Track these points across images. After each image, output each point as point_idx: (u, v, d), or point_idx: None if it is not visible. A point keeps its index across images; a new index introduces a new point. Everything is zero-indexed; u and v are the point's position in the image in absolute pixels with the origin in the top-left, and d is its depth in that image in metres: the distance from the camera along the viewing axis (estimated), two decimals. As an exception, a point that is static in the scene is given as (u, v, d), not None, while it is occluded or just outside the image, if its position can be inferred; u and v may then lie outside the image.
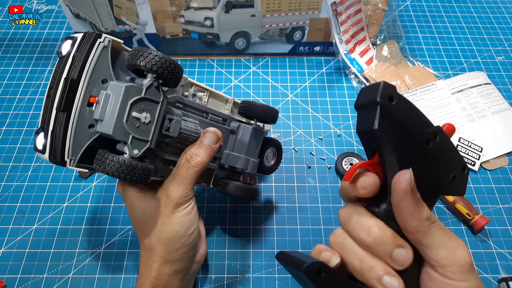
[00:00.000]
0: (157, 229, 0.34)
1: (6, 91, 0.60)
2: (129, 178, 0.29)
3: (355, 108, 0.25)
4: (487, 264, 0.45)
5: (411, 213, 0.22)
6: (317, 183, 0.51)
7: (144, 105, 0.30)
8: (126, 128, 0.29)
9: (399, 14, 0.73)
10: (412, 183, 0.22)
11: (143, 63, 0.29)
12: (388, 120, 0.23)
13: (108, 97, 0.29)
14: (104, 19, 0.60)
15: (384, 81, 0.24)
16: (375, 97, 0.23)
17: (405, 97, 0.25)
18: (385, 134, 0.23)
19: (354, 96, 0.61)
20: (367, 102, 0.24)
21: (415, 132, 0.24)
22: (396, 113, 0.23)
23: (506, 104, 0.58)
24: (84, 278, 0.43)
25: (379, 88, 0.23)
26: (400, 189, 0.22)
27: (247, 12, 0.58)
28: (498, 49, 0.67)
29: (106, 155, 0.29)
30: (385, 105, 0.23)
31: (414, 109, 0.25)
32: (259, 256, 0.46)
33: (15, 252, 0.45)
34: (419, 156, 0.24)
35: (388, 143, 0.23)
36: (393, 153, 0.24)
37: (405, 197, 0.22)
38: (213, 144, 0.35)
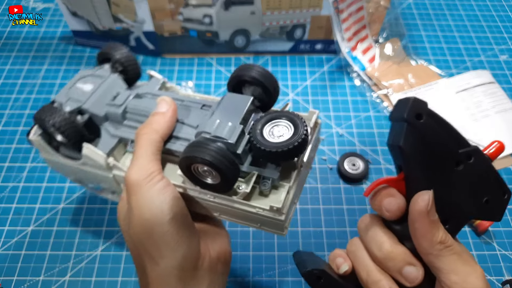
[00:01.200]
0: (130, 225, 0.28)
1: (2, 90, 0.60)
2: (62, 131, 0.31)
3: (389, 119, 0.25)
4: (491, 266, 0.44)
5: (424, 234, 0.22)
6: (319, 184, 0.51)
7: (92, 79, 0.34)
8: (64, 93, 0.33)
9: (402, 12, 0.72)
10: (430, 205, 0.22)
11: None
12: (414, 138, 0.23)
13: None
14: (102, 17, 0.59)
15: (414, 98, 0.23)
16: (403, 114, 0.23)
17: (439, 115, 0.24)
18: (410, 152, 0.23)
19: (356, 95, 0.60)
20: (396, 116, 0.24)
21: (444, 152, 0.24)
22: (424, 131, 0.23)
23: (510, 104, 0.57)
24: (81, 280, 0.43)
25: (408, 104, 0.23)
26: (416, 209, 0.22)
27: (246, 10, 0.57)
28: (502, 47, 0.66)
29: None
30: (412, 123, 0.23)
31: (447, 127, 0.24)
32: (259, 258, 0.45)
33: (11, 254, 0.44)
34: (446, 177, 0.24)
35: (412, 161, 0.23)
36: (417, 172, 0.23)
37: (420, 218, 0.22)
38: (162, 110, 0.30)
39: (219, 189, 0.28)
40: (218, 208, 0.30)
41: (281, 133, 0.27)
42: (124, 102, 0.33)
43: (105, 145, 0.32)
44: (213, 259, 0.29)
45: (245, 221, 0.30)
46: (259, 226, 0.30)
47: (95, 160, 0.31)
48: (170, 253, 0.27)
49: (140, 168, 0.27)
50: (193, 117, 0.32)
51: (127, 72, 0.36)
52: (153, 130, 0.29)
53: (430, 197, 0.22)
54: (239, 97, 0.31)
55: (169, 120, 0.30)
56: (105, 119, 0.33)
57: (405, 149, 0.23)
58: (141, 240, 0.27)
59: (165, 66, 0.63)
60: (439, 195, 0.23)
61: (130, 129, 0.33)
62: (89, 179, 0.36)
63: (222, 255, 0.30)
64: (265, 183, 0.28)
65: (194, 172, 0.28)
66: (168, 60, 0.64)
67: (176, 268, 0.27)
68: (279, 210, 0.27)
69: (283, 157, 0.26)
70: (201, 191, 0.29)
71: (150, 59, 0.64)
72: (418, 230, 0.23)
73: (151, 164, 0.27)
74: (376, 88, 0.60)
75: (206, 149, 0.26)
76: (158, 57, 0.64)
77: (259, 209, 0.28)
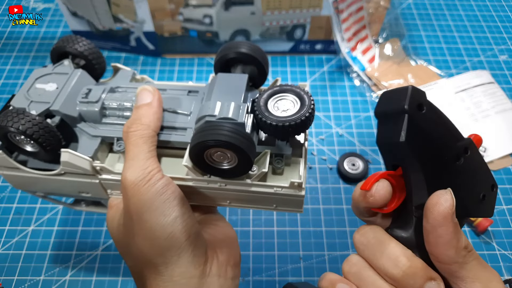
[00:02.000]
0: (128, 232, 0.26)
1: (3, 90, 0.60)
2: (35, 137, 0.26)
3: (375, 116, 0.22)
4: (491, 266, 0.44)
5: (449, 241, 0.19)
6: (319, 184, 0.51)
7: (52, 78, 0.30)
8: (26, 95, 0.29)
9: (402, 12, 0.72)
10: (454, 206, 0.19)
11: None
12: (416, 131, 0.20)
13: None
14: (102, 17, 0.59)
15: (412, 86, 0.21)
16: (403, 105, 0.20)
17: (435, 105, 0.22)
18: (413, 148, 0.20)
19: (356, 95, 0.60)
20: (391, 109, 0.21)
21: (445, 146, 0.21)
22: (425, 124, 0.21)
23: (509, 104, 0.57)
24: (82, 280, 0.43)
25: (407, 94, 0.20)
26: (440, 213, 0.19)
27: (247, 10, 0.57)
28: (501, 48, 0.66)
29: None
30: (414, 114, 0.20)
31: (444, 119, 0.22)
32: (259, 258, 0.45)
33: (11, 254, 0.44)
34: (448, 173, 0.21)
35: (415, 158, 0.21)
36: (421, 170, 0.21)
37: (445, 222, 0.19)
38: (146, 101, 0.28)
39: (236, 173, 0.26)
40: (228, 195, 0.28)
41: (286, 107, 0.26)
42: (99, 98, 0.29)
43: (86, 148, 0.29)
44: (222, 262, 0.27)
45: (260, 205, 0.29)
46: (275, 208, 0.28)
47: (78, 166, 0.28)
48: (174, 259, 0.24)
49: (137, 168, 0.25)
50: (184, 104, 0.30)
51: (92, 66, 0.32)
52: (143, 126, 0.26)
53: (452, 196, 0.20)
54: (233, 76, 0.29)
55: (157, 111, 0.27)
56: (79, 120, 0.30)
57: (407, 145, 0.20)
58: (140, 247, 0.25)
59: (165, 66, 0.63)
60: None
61: (112, 126, 0.30)
62: (66, 191, 0.32)
63: (232, 258, 0.27)
64: (278, 160, 0.27)
65: (207, 160, 0.25)
66: (168, 60, 0.64)
67: (181, 276, 0.24)
68: (301, 185, 0.26)
69: (294, 131, 0.25)
70: (209, 181, 0.27)
71: (150, 59, 0.64)
72: (442, 237, 0.19)
73: (148, 162, 0.25)
74: (376, 88, 0.60)
75: (220, 130, 0.24)
76: (158, 57, 0.64)
77: (277, 188, 0.26)
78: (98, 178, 0.29)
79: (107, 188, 0.30)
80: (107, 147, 0.30)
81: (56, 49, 0.32)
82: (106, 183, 0.29)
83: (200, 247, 0.25)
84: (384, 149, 0.23)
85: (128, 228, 0.26)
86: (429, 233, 0.20)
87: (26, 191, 0.33)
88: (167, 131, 0.28)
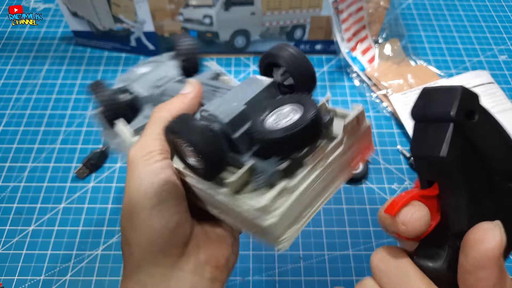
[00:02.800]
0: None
1: (3, 90, 0.60)
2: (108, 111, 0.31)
3: (412, 117, 0.18)
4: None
5: (490, 287, 0.16)
6: (318, 183, 0.51)
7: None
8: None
9: (402, 12, 0.72)
10: (503, 246, 0.16)
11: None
12: (462, 145, 0.17)
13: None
14: (102, 18, 0.59)
15: (463, 87, 0.17)
16: (448, 111, 0.16)
17: (489, 111, 0.17)
18: (456, 165, 0.17)
19: (356, 95, 0.60)
20: (432, 113, 0.17)
21: (498, 164, 0.17)
22: (475, 136, 0.17)
23: (509, 104, 0.57)
24: (82, 280, 0.43)
25: (455, 97, 0.16)
26: (484, 252, 0.16)
27: (247, 10, 0.57)
28: (501, 48, 0.67)
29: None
30: (462, 124, 0.16)
31: (501, 129, 0.18)
32: (259, 258, 0.45)
33: (11, 254, 0.44)
34: (497, 197, 0.18)
35: (458, 177, 0.17)
36: (463, 191, 0.17)
37: (489, 265, 0.16)
38: (185, 91, 0.28)
39: (204, 174, 0.23)
40: (210, 200, 0.25)
41: (288, 118, 0.21)
42: (164, 84, 0.32)
43: (136, 124, 0.31)
44: (201, 261, 0.25)
45: (241, 225, 0.25)
46: (254, 234, 0.24)
47: (121, 136, 0.31)
48: (145, 242, 0.23)
49: (141, 145, 0.25)
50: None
51: (188, 62, 0.35)
52: (165, 109, 0.27)
53: (501, 232, 0.16)
54: (258, 79, 0.26)
55: (188, 102, 0.27)
56: (147, 101, 0.32)
57: (450, 162, 0.17)
58: (122, 222, 0.25)
59: (166, 66, 0.63)
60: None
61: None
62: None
63: (213, 259, 0.26)
64: (258, 178, 0.22)
65: (177, 150, 0.24)
66: (169, 61, 0.64)
67: (149, 261, 0.23)
68: (263, 210, 0.21)
69: (283, 146, 0.20)
70: (198, 180, 0.25)
71: (150, 59, 0.64)
72: (483, 281, 0.16)
73: (154, 142, 0.25)
74: (375, 89, 0.60)
75: (188, 122, 0.22)
76: (159, 58, 0.64)
77: (243, 203, 0.22)
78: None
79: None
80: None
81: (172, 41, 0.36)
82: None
83: (177, 239, 0.24)
84: (419, 161, 0.19)
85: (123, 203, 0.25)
86: (466, 273, 0.16)
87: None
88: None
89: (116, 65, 0.63)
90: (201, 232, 0.27)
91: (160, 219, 0.23)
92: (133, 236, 0.24)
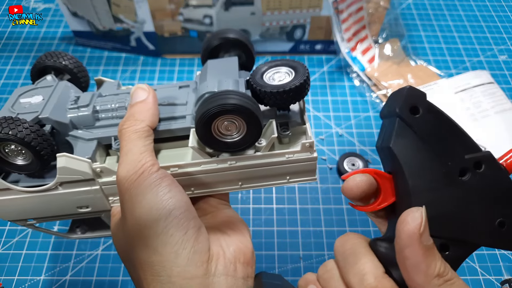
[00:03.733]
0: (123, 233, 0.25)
1: (3, 90, 0.60)
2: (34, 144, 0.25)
3: (380, 116, 0.22)
4: (490, 265, 0.44)
5: (416, 265, 0.18)
6: (318, 184, 0.51)
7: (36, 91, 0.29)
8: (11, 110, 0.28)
9: (402, 12, 0.72)
10: (423, 227, 0.18)
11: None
12: (408, 137, 0.19)
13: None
14: (102, 18, 0.59)
15: (410, 86, 0.19)
16: (395, 107, 0.19)
17: (439, 109, 0.20)
18: (403, 155, 0.19)
19: (356, 95, 0.60)
20: (388, 111, 0.20)
21: (446, 157, 0.19)
22: (421, 129, 0.19)
23: (509, 104, 0.57)
24: (82, 280, 0.43)
25: (401, 96, 0.19)
26: (405, 232, 0.18)
27: (247, 10, 0.57)
28: (501, 48, 0.67)
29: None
30: (406, 119, 0.19)
31: (451, 125, 0.19)
32: (259, 258, 0.45)
33: (12, 254, 0.45)
34: (447, 189, 0.19)
35: (402, 165, 0.19)
36: (408, 181, 0.19)
37: (411, 243, 0.18)
38: (141, 98, 0.26)
39: (246, 143, 0.25)
40: (239, 175, 0.27)
41: (281, 78, 0.26)
42: (90, 102, 0.28)
43: (83, 152, 0.27)
44: (230, 260, 0.24)
45: (273, 180, 0.28)
46: (288, 180, 0.28)
47: (77, 170, 0.26)
48: (171, 257, 0.22)
49: (129, 163, 0.23)
50: (178, 96, 0.29)
51: (77, 79, 0.32)
52: (137, 121, 0.25)
53: (422, 215, 0.18)
54: (223, 60, 0.29)
55: (152, 107, 0.26)
56: (71, 128, 0.28)
57: (396, 152, 0.19)
58: (135, 246, 0.23)
59: (166, 66, 0.63)
60: (437, 211, 0.19)
61: (107, 127, 0.28)
62: (63, 209, 0.29)
63: (241, 254, 0.24)
64: (284, 129, 0.27)
65: (215, 133, 0.24)
66: (169, 61, 0.64)
67: (180, 275, 0.22)
68: (312, 146, 0.26)
69: (292, 97, 0.25)
70: (219, 161, 0.26)
71: (150, 59, 0.64)
72: (408, 259, 0.18)
73: (142, 156, 0.23)
74: (375, 89, 0.60)
75: (226, 96, 0.23)
76: (159, 58, 0.64)
77: (289, 154, 0.26)
78: (98, 184, 0.27)
79: (108, 195, 0.28)
80: (104, 150, 0.29)
81: (37, 65, 0.31)
82: (107, 188, 0.28)
83: (201, 242, 0.23)
84: (379, 153, 0.22)
85: (124, 230, 0.24)
86: (398, 253, 0.19)
87: (16, 220, 0.30)
88: (166, 122, 0.28)
89: (116, 65, 0.63)
90: (213, 228, 0.26)
91: (177, 227, 0.22)
92: (152, 256, 0.22)
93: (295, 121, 0.27)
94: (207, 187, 0.28)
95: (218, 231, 0.25)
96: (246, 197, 0.50)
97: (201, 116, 0.23)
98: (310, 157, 0.26)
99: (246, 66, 0.32)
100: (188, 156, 0.27)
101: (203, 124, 0.23)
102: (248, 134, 0.25)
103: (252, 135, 0.25)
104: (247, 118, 0.23)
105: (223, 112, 0.23)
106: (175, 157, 0.28)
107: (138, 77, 0.61)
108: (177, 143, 0.28)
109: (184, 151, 0.28)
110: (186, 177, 0.27)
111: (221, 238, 0.25)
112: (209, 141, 0.25)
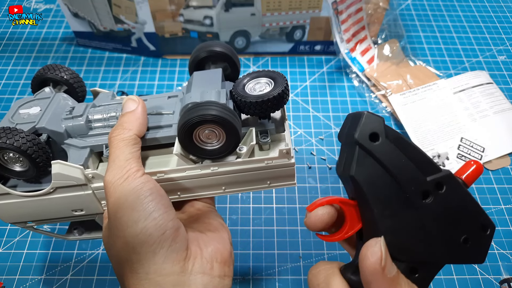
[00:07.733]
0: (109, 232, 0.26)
1: (4, 90, 0.60)
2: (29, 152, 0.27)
3: (338, 139, 0.21)
4: (489, 265, 0.45)
5: None
6: (318, 183, 0.51)
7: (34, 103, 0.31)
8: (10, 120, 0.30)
9: (401, 13, 0.72)
10: (383, 260, 0.17)
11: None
12: (369, 164, 0.19)
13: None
14: (103, 18, 0.60)
15: (367, 112, 0.19)
16: (353, 134, 0.19)
17: (398, 133, 0.19)
18: (364, 183, 0.19)
19: (355, 95, 0.60)
20: (346, 137, 0.20)
21: (408, 182, 0.19)
22: (382, 156, 0.19)
23: (508, 104, 0.58)
24: (83, 279, 0.43)
25: (359, 122, 0.19)
26: (368, 268, 0.18)
27: (247, 11, 0.58)
28: (500, 48, 0.67)
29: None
30: (366, 146, 0.19)
31: (411, 149, 0.19)
32: (259, 257, 0.45)
33: (13, 253, 0.45)
34: (411, 214, 0.19)
35: (366, 194, 0.19)
36: (374, 207, 0.19)
37: (375, 278, 0.18)
38: (131, 108, 0.28)
39: (225, 151, 0.27)
40: (222, 180, 0.29)
41: (262, 88, 0.28)
42: (84, 113, 0.30)
43: (76, 159, 0.29)
44: (207, 259, 0.25)
45: (254, 185, 0.29)
46: (269, 185, 0.29)
47: (70, 176, 0.28)
48: (148, 256, 0.23)
49: (115, 169, 0.25)
50: (166, 106, 0.31)
51: (74, 91, 0.34)
52: (125, 130, 0.27)
53: (381, 248, 0.17)
54: (208, 72, 0.31)
55: (140, 117, 0.28)
56: (66, 136, 0.30)
57: (358, 180, 0.19)
58: (117, 246, 0.24)
59: (166, 67, 0.63)
60: (403, 237, 0.18)
61: (99, 136, 0.30)
62: (59, 212, 0.31)
63: (219, 254, 0.26)
64: (264, 136, 0.28)
65: (196, 141, 0.26)
66: (169, 61, 0.64)
67: (157, 273, 0.23)
68: (289, 152, 0.27)
69: (272, 106, 0.26)
70: (202, 166, 0.28)
71: (151, 60, 0.64)
72: None
73: (128, 162, 0.25)
74: (374, 89, 0.60)
75: (207, 107, 0.25)
76: (159, 58, 0.64)
77: (268, 160, 0.27)
78: (91, 188, 0.29)
79: (101, 199, 0.30)
80: (97, 157, 0.31)
81: (37, 78, 0.34)
82: (99, 192, 0.29)
83: (179, 242, 0.24)
84: (341, 179, 0.21)
85: (109, 230, 0.26)
86: (364, 285, 0.18)
87: (16, 222, 0.32)
88: (154, 130, 0.29)
89: (117, 66, 0.63)
90: (195, 231, 0.28)
91: (156, 228, 0.23)
92: (131, 253, 0.23)
93: (274, 128, 0.29)
94: (192, 192, 0.30)
95: (198, 232, 0.27)
96: (246, 197, 0.50)
97: (183, 125, 0.25)
98: (287, 163, 0.28)
99: (232, 77, 0.33)
100: (173, 163, 0.29)
101: (184, 132, 0.25)
102: (227, 142, 0.26)
103: (231, 143, 0.26)
104: (226, 128, 0.25)
105: (203, 122, 0.25)
106: (161, 164, 0.29)
107: (139, 78, 0.62)
108: (164, 150, 0.30)
109: (170, 158, 0.29)
110: (171, 182, 0.29)
111: (200, 238, 0.27)
112: (191, 148, 0.27)
